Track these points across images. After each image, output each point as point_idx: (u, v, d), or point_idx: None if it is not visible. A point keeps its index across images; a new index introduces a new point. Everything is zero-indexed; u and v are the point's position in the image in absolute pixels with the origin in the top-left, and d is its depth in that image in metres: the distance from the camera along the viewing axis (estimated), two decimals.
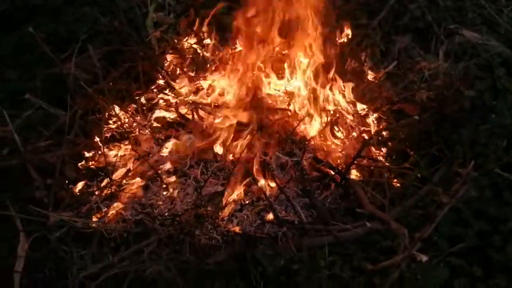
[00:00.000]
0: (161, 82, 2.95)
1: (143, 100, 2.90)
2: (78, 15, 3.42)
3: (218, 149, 2.57)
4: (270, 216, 2.37)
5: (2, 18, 3.59)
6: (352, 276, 2.12)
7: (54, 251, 2.23)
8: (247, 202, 2.46)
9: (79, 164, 2.62)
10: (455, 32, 3.10)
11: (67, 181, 2.54)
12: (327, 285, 2.09)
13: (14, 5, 3.65)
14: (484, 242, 2.19)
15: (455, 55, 3.02)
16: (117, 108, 2.79)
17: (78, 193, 2.48)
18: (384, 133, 2.68)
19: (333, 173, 2.53)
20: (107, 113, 2.78)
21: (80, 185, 2.51)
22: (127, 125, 2.78)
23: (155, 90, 2.93)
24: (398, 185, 2.46)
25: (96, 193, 2.46)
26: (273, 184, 2.47)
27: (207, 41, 3.02)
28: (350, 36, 2.86)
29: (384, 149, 2.62)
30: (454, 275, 2.10)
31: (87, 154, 2.64)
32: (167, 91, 2.91)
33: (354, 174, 2.55)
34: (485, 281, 2.08)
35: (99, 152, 2.60)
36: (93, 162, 2.62)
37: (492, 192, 2.37)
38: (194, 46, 3.06)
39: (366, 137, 2.62)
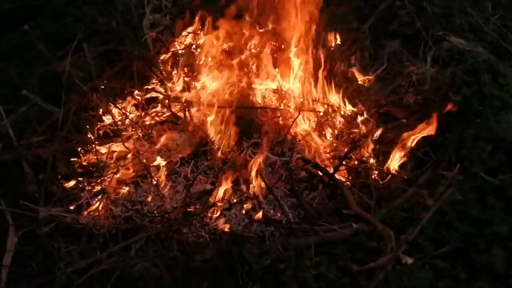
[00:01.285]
0: (155, 81, 2.99)
1: (136, 97, 2.93)
2: (78, 16, 3.47)
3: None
4: (259, 215, 2.39)
5: (5, 17, 3.63)
6: (338, 276, 2.13)
7: (43, 246, 2.24)
8: (235, 201, 2.47)
9: (71, 159, 2.64)
10: (443, 38, 3.13)
11: (59, 177, 2.56)
12: (312, 285, 2.10)
13: (17, 4, 3.69)
14: (468, 245, 2.20)
15: (443, 61, 3.05)
16: (110, 106, 2.81)
17: (68, 189, 2.49)
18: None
19: (321, 174, 2.55)
20: (100, 110, 2.81)
21: (71, 182, 2.52)
22: (120, 122, 2.80)
23: (148, 88, 2.96)
24: (384, 186, 2.48)
25: (87, 188, 2.48)
26: (262, 184, 2.48)
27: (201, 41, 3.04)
28: (340, 40, 2.88)
29: (371, 151, 2.64)
30: (438, 277, 2.11)
31: (79, 150, 2.66)
32: (161, 90, 2.94)
33: (341, 175, 2.58)
34: (469, 284, 2.09)
35: (91, 149, 2.61)
36: (85, 158, 2.63)
37: (476, 195, 2.39)
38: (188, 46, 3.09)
39: (355, 139, 2.66)
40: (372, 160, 2.60)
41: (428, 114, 2.52)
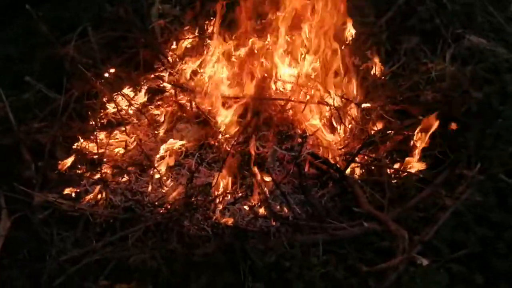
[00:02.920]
0: (161, 69, 2.93)
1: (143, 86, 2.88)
2: (85, 3, 3.40)
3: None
4: (263, 210, 2.30)
5: (11, 4, 3.57)
6: (346, 276, 2.03)
7: (37, 233, 2.16)
8: (240, 194, 2.39)
9: (72, 146, 2.58)
10: (462, 36, 3.06)
11: (58, 163, 2.49)
12: (319, 284, 2.00)
13: None
14: (486, 249, 2.11)
15: (462, 59, 2.97)
16: (114, 93, 2.76)
17: (66, 175, 2.43)
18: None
19: (331, 170, 2.45)
20: (104, 98, 2.75)
21: (68, 161, 2.45)
22: (124, 111, 2.74)
23: (154, 76, 2.91)
24: (398, 185, 2.39)
25: (85, 175, 2.42)
26: (268, 179, 2.39)
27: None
28: (355, 34, 2.80)
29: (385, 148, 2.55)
30: (454, 282, 2.01)
31: (80, 138, 2.60)
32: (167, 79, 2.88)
33: (353, 172, 2.48)
34: None
35: (92, 136, 2.56)
36: (85, 144, 2.57)
37: (496, 197, 2.30)
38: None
39: (368, 135, 2.57)
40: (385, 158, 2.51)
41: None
